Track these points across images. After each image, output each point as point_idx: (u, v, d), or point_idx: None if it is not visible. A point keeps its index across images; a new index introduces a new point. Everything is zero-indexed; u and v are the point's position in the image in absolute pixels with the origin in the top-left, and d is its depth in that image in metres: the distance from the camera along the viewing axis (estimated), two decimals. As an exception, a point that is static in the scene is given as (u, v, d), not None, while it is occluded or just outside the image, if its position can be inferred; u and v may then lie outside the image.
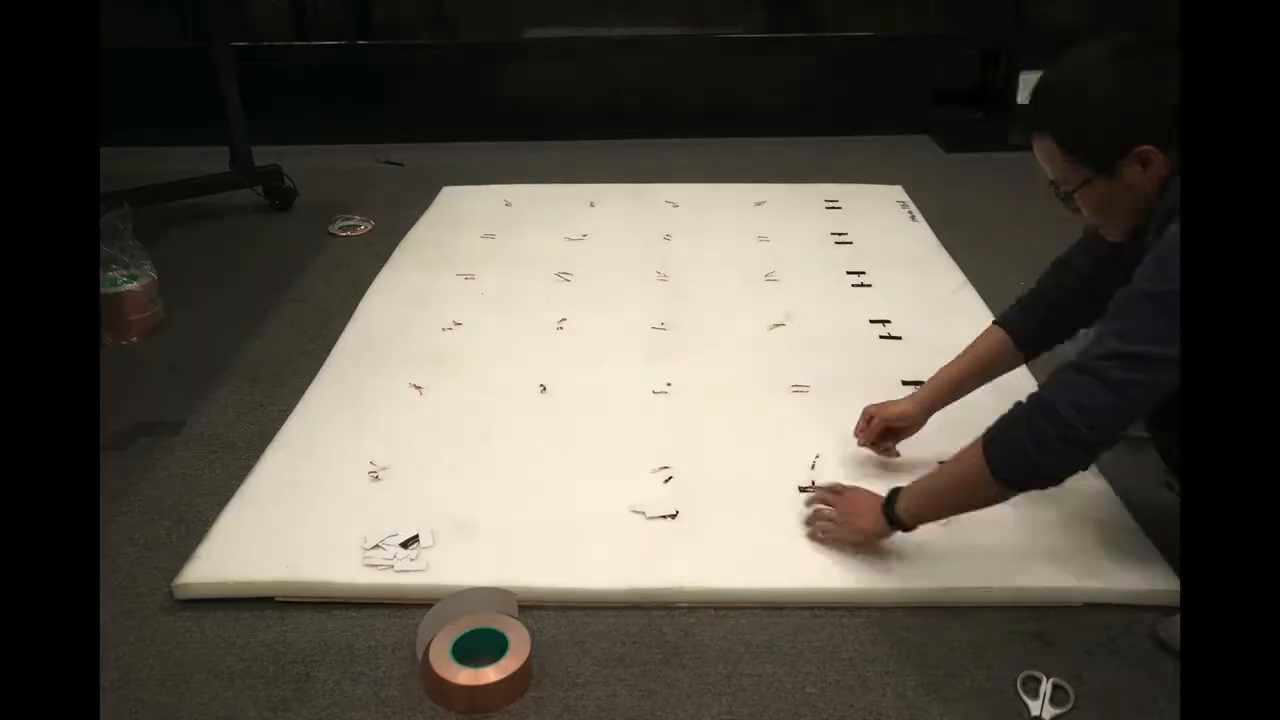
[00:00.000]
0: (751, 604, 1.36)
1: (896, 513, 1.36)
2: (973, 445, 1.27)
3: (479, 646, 1.24)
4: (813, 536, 1.45)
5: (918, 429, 1.62)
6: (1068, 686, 1.22)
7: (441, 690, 1.20)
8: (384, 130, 3.56)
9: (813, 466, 1.62)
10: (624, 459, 1.64)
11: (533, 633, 1.27)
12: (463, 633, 1.25)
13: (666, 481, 1.59)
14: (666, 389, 1.86)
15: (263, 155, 2.89)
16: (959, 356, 1.62)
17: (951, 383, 1.61)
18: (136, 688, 1.24)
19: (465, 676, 1.20)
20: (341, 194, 3.01)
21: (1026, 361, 1.60)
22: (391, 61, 3.66)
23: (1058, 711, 1.19)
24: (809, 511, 1.49)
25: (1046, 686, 1.22)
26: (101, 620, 1.31)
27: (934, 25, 3.78)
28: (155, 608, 1.37)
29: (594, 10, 3.64)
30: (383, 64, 3.66)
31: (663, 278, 2.36)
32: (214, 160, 2.85)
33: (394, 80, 3.66)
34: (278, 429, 1.74)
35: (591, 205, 2.86)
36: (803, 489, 1.56)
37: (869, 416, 1.63)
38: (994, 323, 1.61)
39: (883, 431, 1.62)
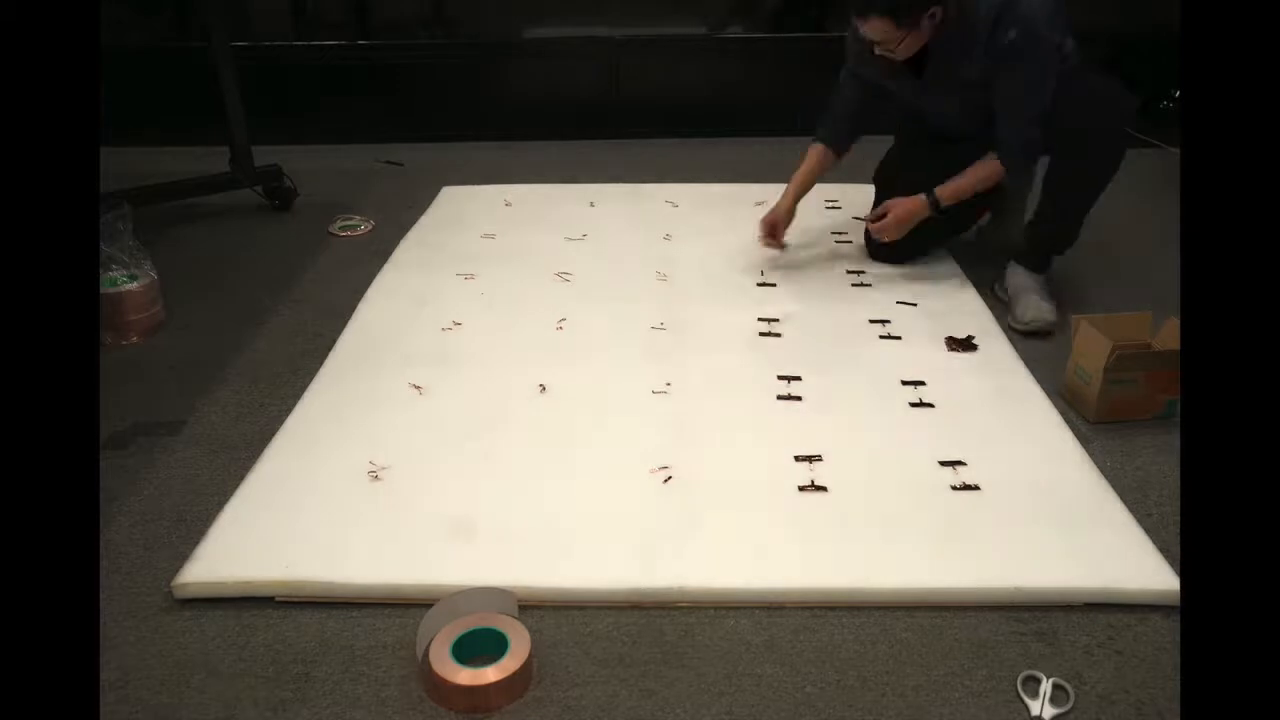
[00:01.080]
0: (751, 604, 1.36)
1: (939, 201, 2.22)
2: (987, 163, 2.17)
3: (479, 646, 1.24)
4: (885, 236, 2.30)
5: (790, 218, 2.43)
6: (1068, 686, 1.22)
7: (441, 690, 1.20)
8: (384, 130, 3.56)
9: (812, 466, 1.63)
10: (624, 459, 1.64)
11: (533, 633, 1.27)
12: (463, 633, 1.25)
13: (666, 481, 1.59)
14: (666, 389, 1.86)
15: (263, 155, 2.89)
16: (800, 171, 2.40)
17: (803, 186, 2.42)
18: (136, 688, 1.24)
19: (465, 676, 1.20)
20: (341, 194, 3.01)
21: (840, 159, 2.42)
22: (391, 61, 3.66)
23: (1058, 711, 1.19)
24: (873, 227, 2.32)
25: (1046, 686, 1.22)
26: (101, 620, 1.31)
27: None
28: (155, 608, 1.37)
29: (594, 10, 3.64)
30: (383, 64, 3.66)
31: (663, 278, 2.36)
32: (214, 160, 2.85)
33: (394, 80, 3.66)
34: (278, 429, 1.74)
35: (591, 205, 2.86)
36: (802, 489, 1.57)
37: (771, 224, 2.40)
38: (815, 140, 2.40)
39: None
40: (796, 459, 1.64)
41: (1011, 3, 2.01)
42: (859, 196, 2.71)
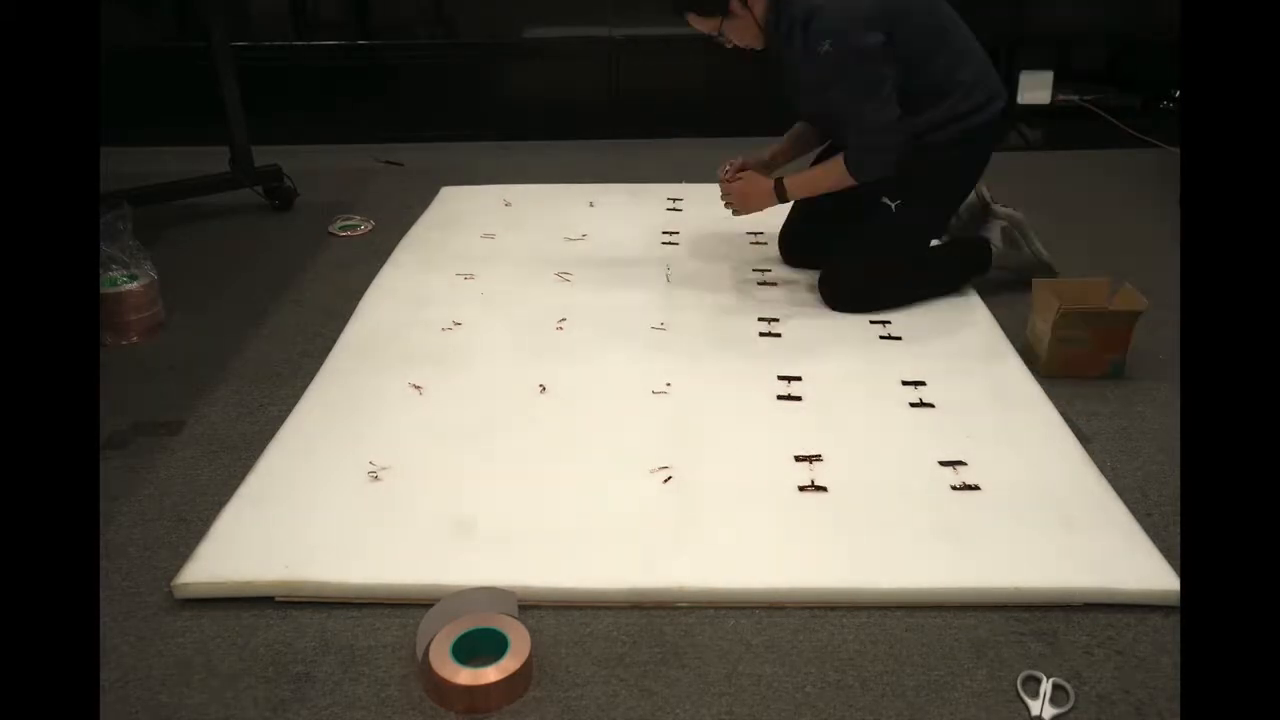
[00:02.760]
0: (751, 604, 1.36)
1: (786, 193, 2.17)
2: (837, 165, 2.08)
3: (479, 646, 1.24)
4: (729, 205, 2.26)
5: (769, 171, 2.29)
6: (1068, 686, 1.22)
7: (441, 690, 1.20)
8: (384, 130, 3.56)
9: (812, 466, 1.63)
10: (623, 459, 1.64)
11: (533, 633, 1.27)
12: (463, 633, 1.25)
13: (666, 482, 1.59)
14: (666, 389, 1.86)
15: (263, 155, 2.89)
16: (786, 139, 2.38)
17: (786, 155, 2.37)
18: (136, 688, 1.24)
19: (465, 676, 1.20)
20: (341, 194, 3.01)
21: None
22: (391, 61, 3.66)
23: (1058, 711, 1.19)
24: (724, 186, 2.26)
25: (1046, 686, 1.22)
26: (101, 620, 1.31)
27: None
28: (155, 608, 1.37)
29: (594, 10, 3.64)
30: (383, 64, 3.66)
31: (662, 278, 2.36)
32: (214, 160, 2.85)
33: (394, 80, 3.66)
34: (278, 429, 1.74)
35: (591, 205, 2.86)
36: (802, 489, 1.57)
37: (741, 165, 2.28)
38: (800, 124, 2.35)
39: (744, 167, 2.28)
40: (796, 459, 1.64)
41: (819, 6, 1.94)
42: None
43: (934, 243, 2.29)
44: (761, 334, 2.08)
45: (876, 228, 2.12)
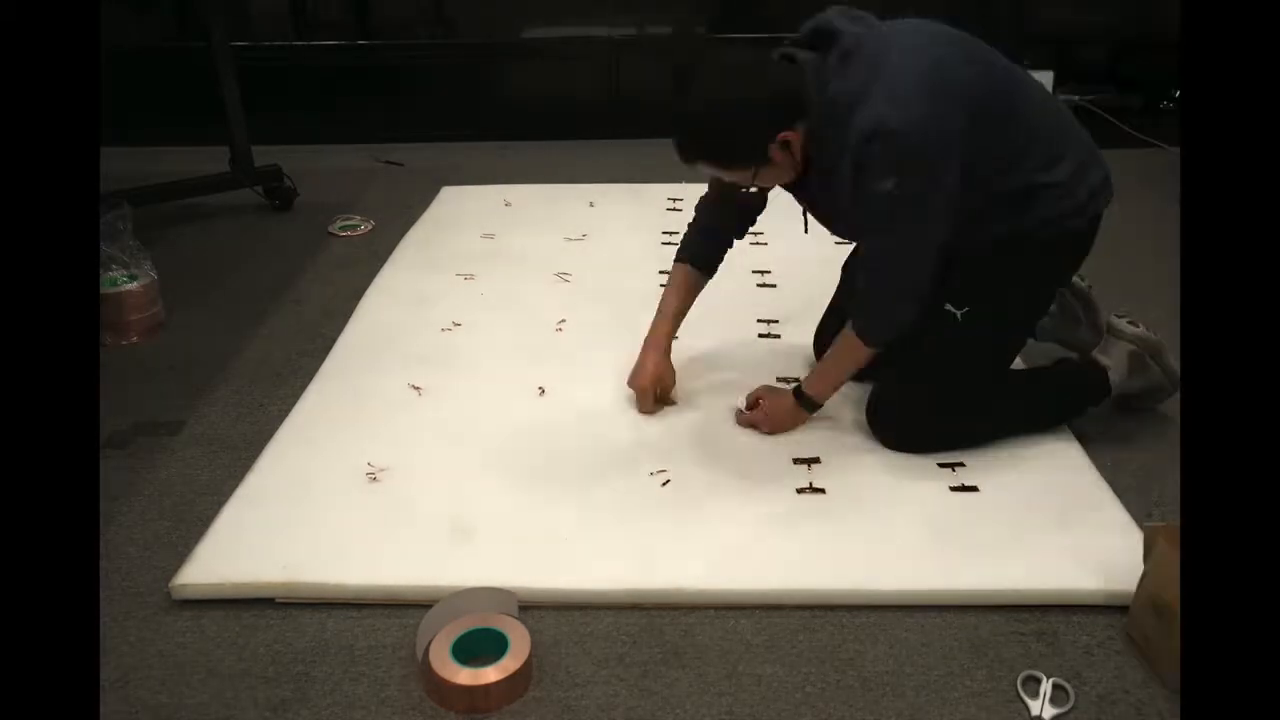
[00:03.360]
0: (751, 604, 1.36)
1: (811, 402, 1.70)
2: (846, 340, 1.63)
3: (479, 646, 1.24)
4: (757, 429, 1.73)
5: (672, 370, 1.83)
6: (1068, 686, 1.22)
7: (441, 690, 1.20)
8: (384, 130, 3.56)
9: (810, 468, 1.62)
10: (623, 460, 1.64)
11: (533, 633, 1.27)
12: (463, 633, 1.25)
13: (665, 484, 1.59)
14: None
15: (263, 155, 2.89)
16: (668, 297, 1.85)
17: (677, 319, 1.85)
18: (136, 688, 1.24)
19: (465, 676, 1.20)
20: (341, 194, 3.01)
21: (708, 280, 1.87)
22: (391, 61, 3.66)
23: (1058, 711, 1.19)
24: (742, 420, 1.75)
25: (1046, 686, 1.22)
26: (101, 620, 1.31)
27: (934, 26, 3.78)
28: (155, 608, 1.37)
29: (594, 10, 3.64)
30: (383, 64, 3.66)
31: (663, 278, 2.36)
32: (214, 160, 2.85)
33: (394, 80, 3.66)
34: (278, 429, 1.74)
35: (591, 205, 2.86)
36: (800, 490, 1.57)
37: (644, 389, 1.78)
38: (678, 261, 1.86)
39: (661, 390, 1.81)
40: (795, 461, 1.64)
41: (885, 128, 1.40)
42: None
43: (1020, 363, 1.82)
44: (760, 335, 2.08)
45: (937, 342, 1.63)
